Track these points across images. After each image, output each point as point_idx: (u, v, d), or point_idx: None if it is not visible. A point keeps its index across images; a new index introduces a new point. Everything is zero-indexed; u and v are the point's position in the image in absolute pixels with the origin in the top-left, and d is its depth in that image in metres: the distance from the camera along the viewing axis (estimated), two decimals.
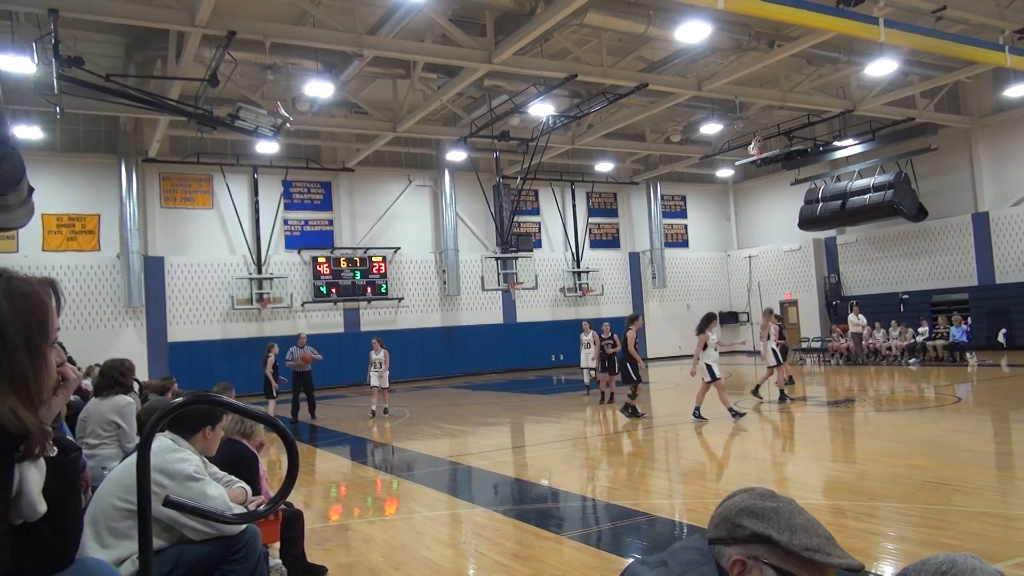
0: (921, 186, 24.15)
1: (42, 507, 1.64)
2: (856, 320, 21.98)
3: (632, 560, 1.65)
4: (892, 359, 21.35)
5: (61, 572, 1.73)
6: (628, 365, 13.25)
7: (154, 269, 21.19)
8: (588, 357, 17.11)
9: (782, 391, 14.13)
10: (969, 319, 21.37)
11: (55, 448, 1.69)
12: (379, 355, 15.11)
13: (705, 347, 12.20)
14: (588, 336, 17.16)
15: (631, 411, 12.76)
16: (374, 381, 15.09)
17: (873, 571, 4.73)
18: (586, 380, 17.55)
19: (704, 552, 1.57)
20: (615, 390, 15.40)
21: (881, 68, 17.35)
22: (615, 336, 15.31)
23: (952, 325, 20.47)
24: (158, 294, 21.26)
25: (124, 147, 20.66)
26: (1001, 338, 21.79)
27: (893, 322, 22.37)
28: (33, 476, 1.62)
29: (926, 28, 14.91)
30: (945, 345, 20.46)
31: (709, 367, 12.04)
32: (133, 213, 20.57)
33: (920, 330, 21.38)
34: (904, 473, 7.34)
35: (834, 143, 23.66)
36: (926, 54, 17.70)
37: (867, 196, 23.91)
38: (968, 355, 19.71)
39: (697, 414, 12.04)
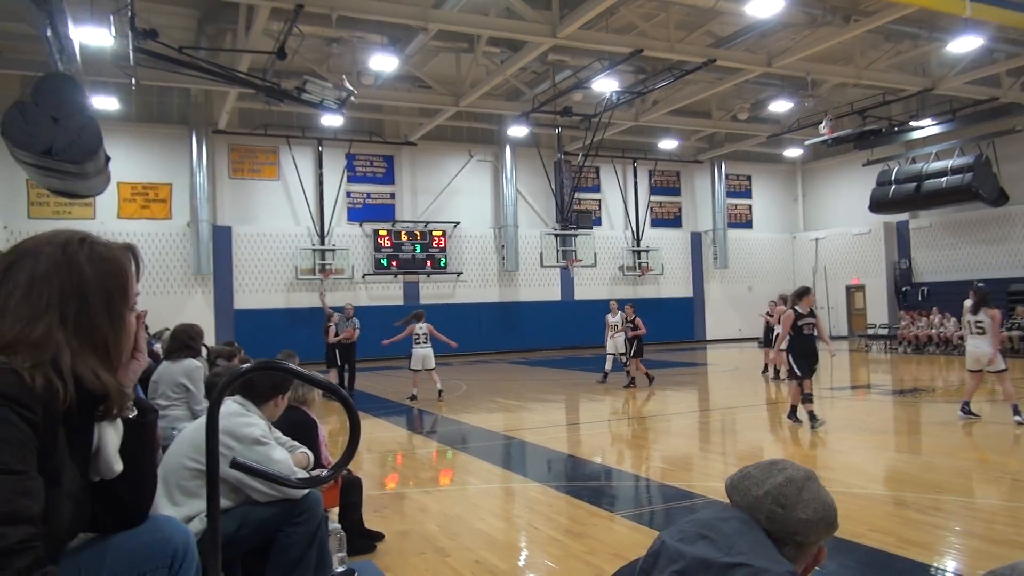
0: (1003, 169, 23.04)
1: (119, 466, 1.71)
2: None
3: (661, 533, 1.62)
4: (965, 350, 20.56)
5: (135, 528, 1.80)
6: (788, 356, 10.15)
7: (222, 238, 21.79)
8: (618, 341, 15.27)
9: (776, 371, 14.59)
10: None
11: (134, 410, 1.76)
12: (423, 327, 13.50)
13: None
14: (616, 318, 15.53)
15: (800, 416, 9.79)
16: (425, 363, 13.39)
17: (935, 565, 4.60)
18: (608, 366, 15.57)
19: (743, 519, 1.56)
20: (635, 374, 14.68)
21: (965, 45, 16.51)
22: (638, 319, 14.68)
23: None
24: (225, 262, 21.88)
25: (195, 118, 21.25)
26: None
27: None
28: (111, 436, 1.69)
29: (1015, 2, 14.13)
30: (1022, 336, 19.62)
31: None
32: (203, 183, 21.16)
33: None
34: (972, 467, 7.10)
35: (911, 123, 22.71)
36: (1014, 30, 16.75)
37: (944, 179, 22.94)
38: None
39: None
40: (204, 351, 6.89)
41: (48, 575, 1.35)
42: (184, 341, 6.00)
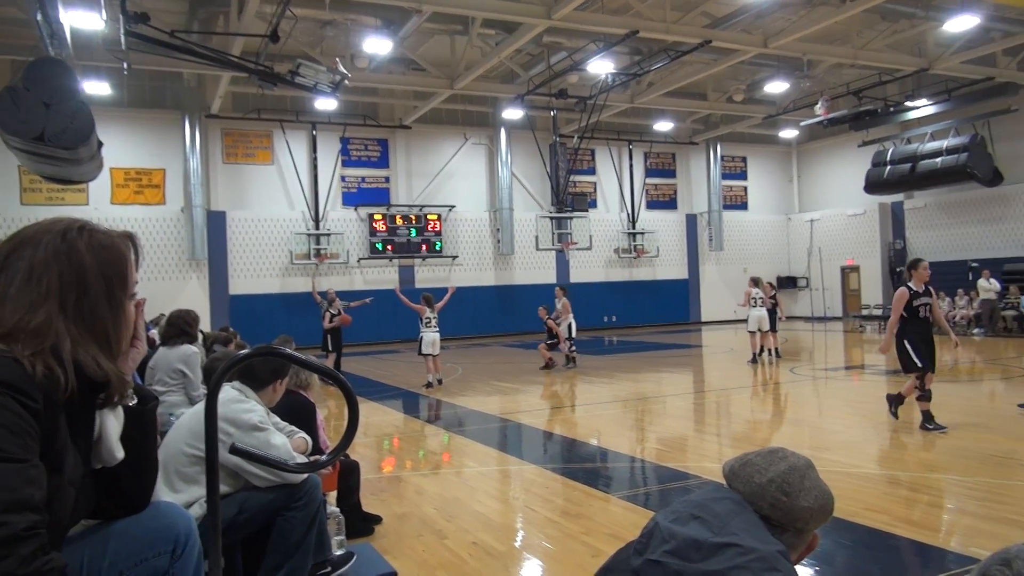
0: (998, 149, 23.05)
1: (120, 453, 1.72)
2: (987, 285, 20.33)
3: (656, 513, 1.65)
4: (959, 330, 20.69)
5: (137, 514, 1.82)
6: (906, 344, 8.04)
7: (216, 223, 21.73)
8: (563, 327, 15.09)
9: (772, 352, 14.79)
10: None
11: (135, 397, 1.77)
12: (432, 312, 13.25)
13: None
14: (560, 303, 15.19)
15: (929, 420, 7.96)
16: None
17: (928, 543, 4.65)
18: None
19: (736, 500, 1.58)
20: (551, 356, 15.00)
21: (961, 24, 16.45)
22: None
23: None
24: (220, 247, 21.83)
25: (188, 103, 21.11)
26: None
27: (960, 291, 21.61)
28: (112, 423, 1.70)
29: None
30: (1016, 316, 19.72)
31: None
32: (196, 168, 21.07)
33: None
34: (967, 446, 7.16)
35: (906, 103, 22.67)
36: (1011, 8, 16.68)
37: (939, 159, 22.95)
38: None
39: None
40: (200, 337, 6.90)
41: (52, 562, 1.36)
42: (180, 327, 6.01)
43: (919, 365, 7.91)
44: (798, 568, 1.62)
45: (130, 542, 1.76)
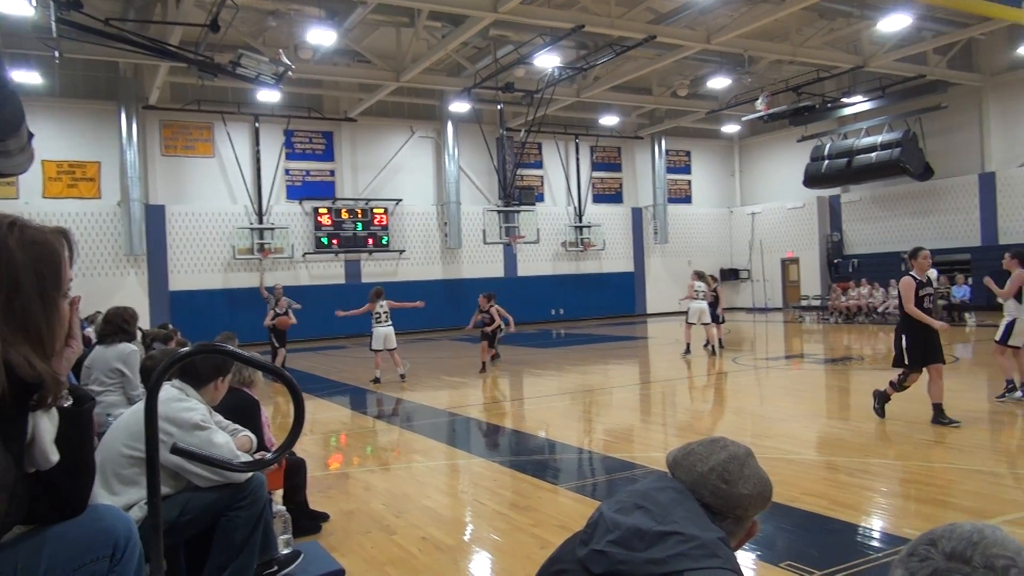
0: (928, 145, 23.96)
1: (55, 456, 1.67)
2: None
3: (601, 504, 1.68)
4: (892, 319, 21.42)
5: (74, 518, 1.77)
6: (905, 338, 7.81)
7: (155, 217, 21.15)
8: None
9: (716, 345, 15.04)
10: (971, 279, 21.36)
11: (70, 398, 1.72)
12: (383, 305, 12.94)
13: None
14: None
15: (881, 409, 7.97)
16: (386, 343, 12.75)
17: (864, 525, 4.83)
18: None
19: (679, 489, 1.62)
20: (487, 359, 13.83)
21: (894, 23, 17.04)
22: (493, 310, 13.85)
23: (954, 285, 20.48)
24: (159, 242, 21.26)
25: (124, 93, 20.45)
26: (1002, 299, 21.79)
27: (892, 281, 22.37)
28: (46, 426, 1.65)
29: None
30: (946, 305, 20.50)
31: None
32: (134, 161, 20.45)
33: None
34: (899, 431, 7.43)
35: (843, 100, 23.36)
36: (941, 9, 17.33)
37: (873, 154, 23.75)
38: (967, 315, 19.76)
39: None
40: (139, 334, 6.72)
41: None
42: (118, 324, 5.83)
43: (906, 363, 7.78)
44: (738, 554, 1.67)
45: (67, 547, 1.71)
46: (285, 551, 3.88)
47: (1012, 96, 22.48)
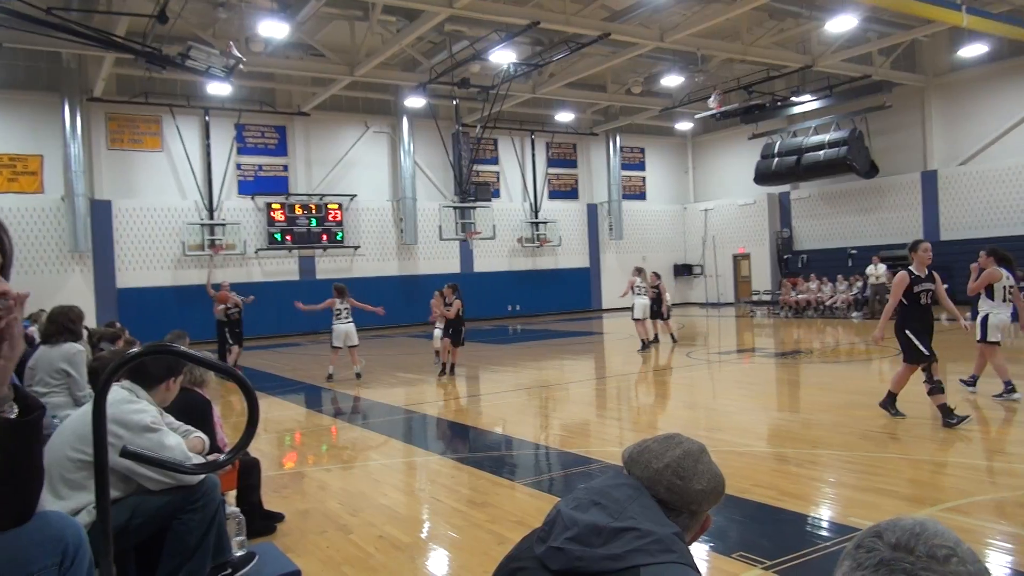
0: (874, 143, 24.62)
1: None
2: (875, 271, 20.96)
3: (558, 501, 1.70)
4: (840, 313, 21.98)
5: (22, 525, 1.72)
6: (909, 332, 7.38)
7: (101, 213, 20.59)
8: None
9: (645, 342, 15.16)
10: None
11: (14, 408, 1.65)
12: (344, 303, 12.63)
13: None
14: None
15: (948, 415, 7.19)
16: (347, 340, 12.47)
17: (812, 514, 4.95)
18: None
19: (635, 486, 1.66)
20: (447, 360, 12.85)
21: (841, 24, 17.45)
22: (451, 302, 12.63)
23: None
24: (105, 239, 20.70)
25: (67, 85, 19.82)
26: None
27: (840, 276, 22.96)
28: None
29: None
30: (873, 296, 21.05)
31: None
32: (78, 154, 19.85)
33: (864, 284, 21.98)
34: (846, 422, 7.63)
35: (792, 99, 23.86)
36: (885, 11, 17.81)
37: (821, 152, 24.33)
38: None
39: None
40: (85, 334, 6.55)
41: None
42: (63, 324, 5.67)
43: (926, 354, 7.25)
44: (693, 547, 1.70)
45: (13, 556, 1.66)
46: (239, 553, 3.83)
47: (954, 96, 23.21)
